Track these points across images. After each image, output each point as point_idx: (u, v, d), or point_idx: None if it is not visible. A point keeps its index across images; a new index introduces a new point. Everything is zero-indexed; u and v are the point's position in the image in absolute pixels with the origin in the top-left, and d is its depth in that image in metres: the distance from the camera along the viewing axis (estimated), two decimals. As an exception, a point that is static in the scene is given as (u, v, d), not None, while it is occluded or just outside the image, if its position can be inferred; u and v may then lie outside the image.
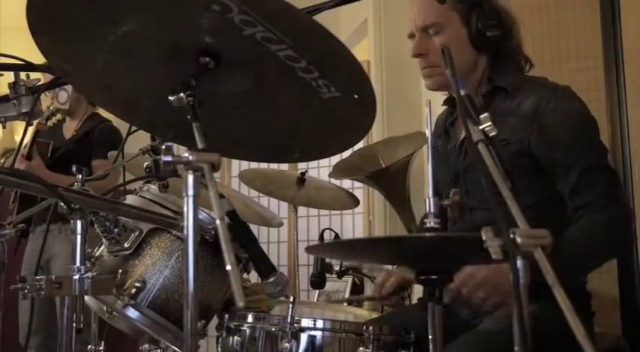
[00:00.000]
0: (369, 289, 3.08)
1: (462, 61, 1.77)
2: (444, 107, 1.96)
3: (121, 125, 3.33)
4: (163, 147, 0.99)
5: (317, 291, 3.00)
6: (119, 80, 1.24)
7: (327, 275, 2.15)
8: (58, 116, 3.34)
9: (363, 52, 4.07)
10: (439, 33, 1.78)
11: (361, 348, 1.47)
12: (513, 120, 1.70)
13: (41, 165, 3.18)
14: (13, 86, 1.40)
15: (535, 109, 1.69)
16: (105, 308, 1.51)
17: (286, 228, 3.77)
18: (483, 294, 1.49)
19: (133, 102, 1.30)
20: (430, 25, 1.78)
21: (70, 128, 3.49)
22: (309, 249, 1.19)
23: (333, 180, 3.20)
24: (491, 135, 1.07)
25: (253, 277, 1.72)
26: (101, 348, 2.32)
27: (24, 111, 1.40)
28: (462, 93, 1.11)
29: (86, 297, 1.52)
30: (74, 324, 1.26)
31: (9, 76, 1.41)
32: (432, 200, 1.18)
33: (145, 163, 1.63)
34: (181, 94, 1.08)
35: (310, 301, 3.07)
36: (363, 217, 4.01)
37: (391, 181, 2.84)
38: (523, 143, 1.68)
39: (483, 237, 0.89)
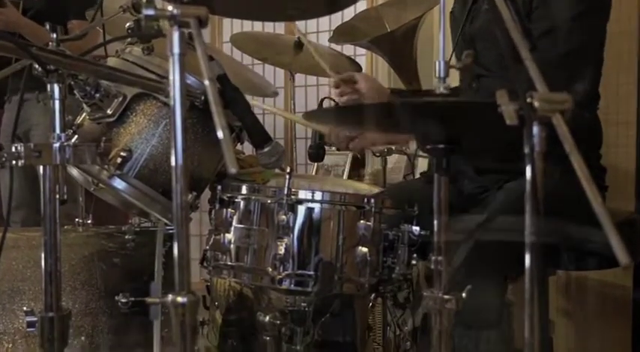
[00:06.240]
0: (370, 163, 3.09)
1: None
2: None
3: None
4: (145, 0, 0.94)
5: (315, 165, 3.02)
6: None
7: (327, 147, 2.14)
8: None
9: None
10: None
11: (362, 221, 1.48)
12: None
13: (17, 13, 3.06)
14: None
15: None
16: (90, 180, 1.51)
17: (282, 98, 3.73)
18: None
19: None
20: None
21: (41, -15, 3.36)
22: (307, 115, 1.17)
23: (334, 46, 3.14)
24: (510, -12, 1.03)
25: (248, 149, 1.71)
26: (89, 221, 2.36)
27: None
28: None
29: (71, 169, 1.52)
30: (57, 196, 1.26)
31: None
32: (442, 63, 1.15)
33: (127, 23, 1.58)
34: (162, -62, 1.01)
35: (309, 174, 3.10)
36: (366, 87, 3.97)
37: (397, 47, 2.79)
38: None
39: (498, 101, 0.87)
